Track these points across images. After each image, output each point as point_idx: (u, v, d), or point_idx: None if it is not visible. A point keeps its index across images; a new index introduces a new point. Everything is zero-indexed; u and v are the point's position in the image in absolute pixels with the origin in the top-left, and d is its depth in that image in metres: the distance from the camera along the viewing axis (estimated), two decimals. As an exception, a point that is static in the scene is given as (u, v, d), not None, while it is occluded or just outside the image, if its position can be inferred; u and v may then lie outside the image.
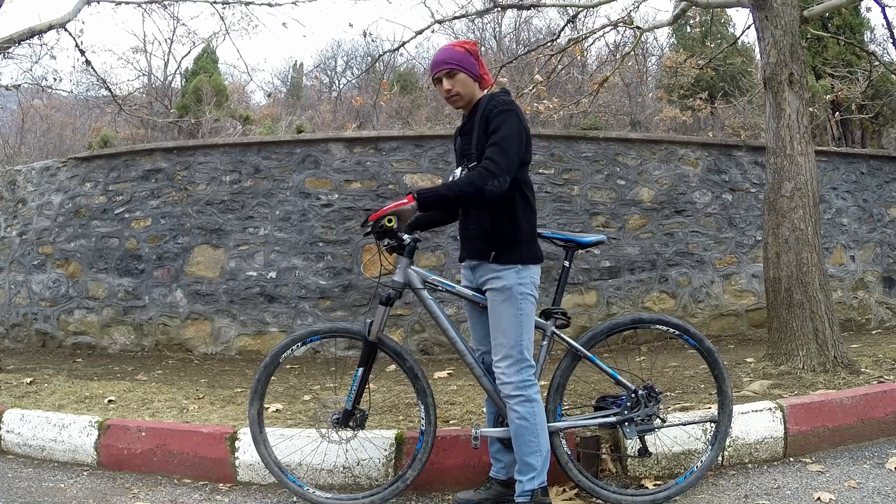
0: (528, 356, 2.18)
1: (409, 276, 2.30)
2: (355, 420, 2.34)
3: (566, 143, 5.71)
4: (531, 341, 2.20)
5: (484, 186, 2.06)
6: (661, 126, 11.32)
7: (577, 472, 2.28)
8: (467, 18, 7.67)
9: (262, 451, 2.39)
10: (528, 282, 2.19)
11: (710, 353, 2.38)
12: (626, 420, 2.30)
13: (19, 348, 6.10)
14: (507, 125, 2.14)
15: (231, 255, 5.59)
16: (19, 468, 2.88)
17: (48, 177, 6.28)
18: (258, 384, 2.38)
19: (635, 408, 2.31)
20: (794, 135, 3.69)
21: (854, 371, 3.42)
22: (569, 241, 2.37)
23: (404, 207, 2.12)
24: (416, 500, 2.44)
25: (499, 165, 2.08)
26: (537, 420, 2.16)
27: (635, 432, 2.30)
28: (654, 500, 2.29)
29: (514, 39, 15.32)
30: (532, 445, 2.15)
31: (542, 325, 2.33)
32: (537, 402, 2.17)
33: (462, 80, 2.24)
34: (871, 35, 10.87)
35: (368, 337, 2.30)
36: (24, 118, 13.62)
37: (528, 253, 2.21)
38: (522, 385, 2.15)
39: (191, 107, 12.83)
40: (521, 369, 2.16)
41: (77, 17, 6.17)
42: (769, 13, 3.78)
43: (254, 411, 2.39)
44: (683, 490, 2.33)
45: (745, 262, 5.84)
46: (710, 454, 2.38)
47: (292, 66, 21.60)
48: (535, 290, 2.21)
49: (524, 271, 2.19)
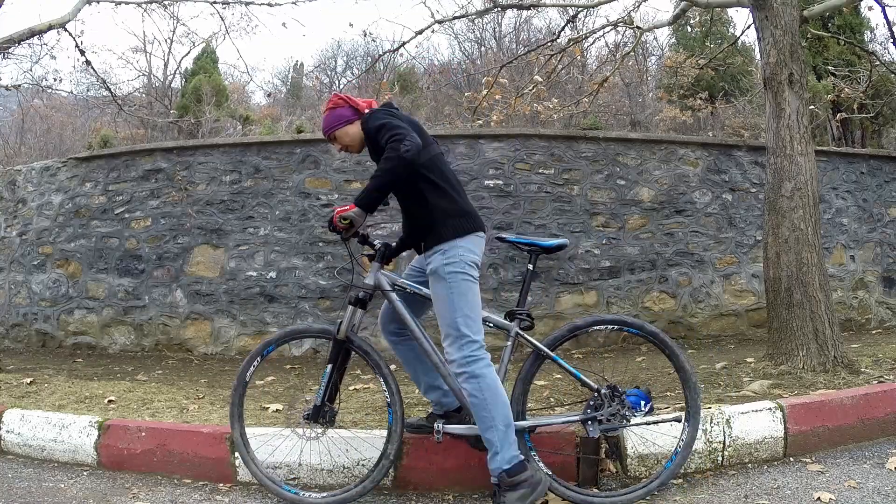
0: (466, 332, 2.21)
1: (378, 279, 2.43)
2: (324, 416, 2.41)
3: (566, 143, 5.71)
4: (472, 317, 2.23)
5: (399, 152, 2.16)
6: (661, 126, 11.32)
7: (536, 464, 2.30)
8: (467, 18, 7.67)
9: (253, 470, 2.46)
10: (456, 259, 2.25)
11: (665, 344, 2.42)
12: (590, 419, 2.34)
13: (19, 348, 6.10)
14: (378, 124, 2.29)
15: (231, 255, 5.59)
16: (19, 468, 2.88)
17: (48, 177, 6.28)
18: (234, 407, 2.49)
19: (599, 407, 2.34)
20: (794, 135, 3.69)
21: (854, 371, 3.42)
22: (531, 245, 2.45)
23: (348, 213, 2.26)
24: (416, 500, 2.44)
25: (396, 134, 2.19)
26: (486, 395, 2.17)
27: (598, 430, 2.34)
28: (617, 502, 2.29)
29: (514, 39, 15.32)
30: (486, 421, 2.17)
31: (507, 326, 2.39)
32: (484, 377, 2.18)
33: (341, 134, 2.44)
34: (871, 35, 10.87)
35: (337, 335, 2.40)
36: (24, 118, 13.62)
37: (448, 230, 2.27)
38: (464, 361, 2.19)
39: (191, 107, 12.83)
40: (461, 346, 2.20)
41: (77, 17, 6.17)
42: (769, 13, 3.78)
43: (237, 434, 2.48)
44: (651, 492, 2.32)
45: (745, 262, 5.84)
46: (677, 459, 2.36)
47: (292, 66, 21.59)
48: (467, 266, 2.26)
49: (451, 250, 2.26)
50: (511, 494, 2.13)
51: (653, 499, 2.32)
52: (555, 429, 2.61)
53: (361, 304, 2.42)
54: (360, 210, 2.25)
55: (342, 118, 2.43)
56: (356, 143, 2.44)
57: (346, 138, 2.44)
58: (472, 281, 2.27)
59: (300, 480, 2.57)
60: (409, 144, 2.17)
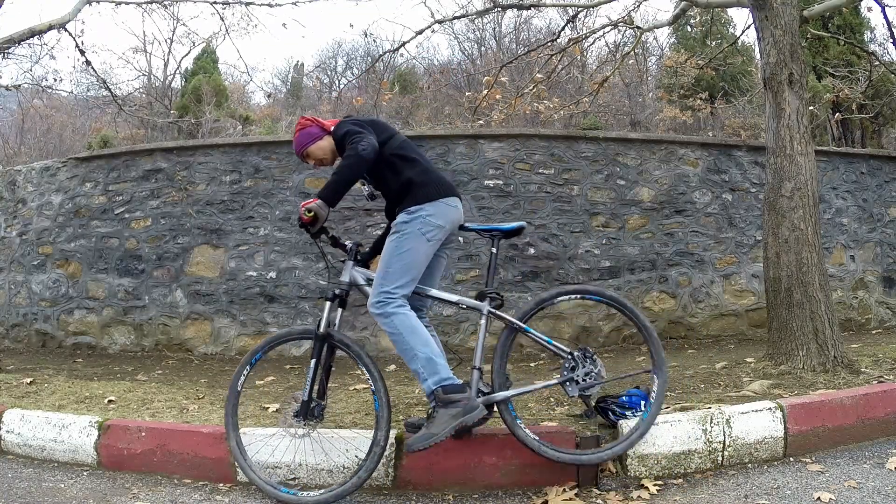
0: (387, 284, 2.38)
1: (353, 275, 2.59)
2: (313, 412, 2.48)
3: (566, 143, 5.71)
4: (403, 272, 2.39)
5: (357, 151, 2.39)
6: (661, 126, 11.33)
7: (524, 433, 2.40)
8: (467, 18, 7.68)
9: (252, 477, 2.48)
10: (416, 218, 2.42)
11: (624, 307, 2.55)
12: (567, 380, 2.47)
13: (19, 348, 6.10)
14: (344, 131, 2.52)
15: (231, 255, 5.59)
16: (19, 468, 2.88)
17: (48, 177, 6.28)
18: (228, 417, 2.56)
19: (574, 369, 2.48)
20: (794, 135, 3.68)
21: (854, 371, 3.41)
22: (492, 230, 2.61)
23: (312, 205, 2.42)
24: (415, 500, 2.44)
25: (356, 136, 2.43)
26: (401, 329, 2.35)
27: (577, 391, 2.46)
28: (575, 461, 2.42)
29: (514, 39, 15.32)
30: (407, 353, 2.35)
31: (478, 306, 2.52)
32: (396, 314, 2.36)
33: (314, 150, 2.64)
34: (871, 35, 10.88)
35: (318, 332, 2.54)
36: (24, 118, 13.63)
37: (418, 196, 2.44)
38: (377, 304, 2.39)
39: (191, 107, 12.84)
40: (379, 293, 2.39)
41: (77, 17, 6.18)
42: (769, 13, 3.77)
43: (233, 443, 2.53)
44: (625, 450, 2.45)
45: (745, 262, 5.84)
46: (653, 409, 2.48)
47: (292, 66, 21.61)
48: (424, 225, 2.41)
49: (416, 213, 2.42)
50: (443, 410, 2.27)
51: (652, 498, 2.32)
52: (554, 429, 2.61)
53: (340, 301, 2.56)
54: (322, 203, 2.42)
55: (312, 136, 2.64)
56: (329, 156, 2.64)
57: (318, 153, 2.64)
58: (425, 240, 2.42)
59: (300, 480, 2.57)
60: (367, 144, 2.40)
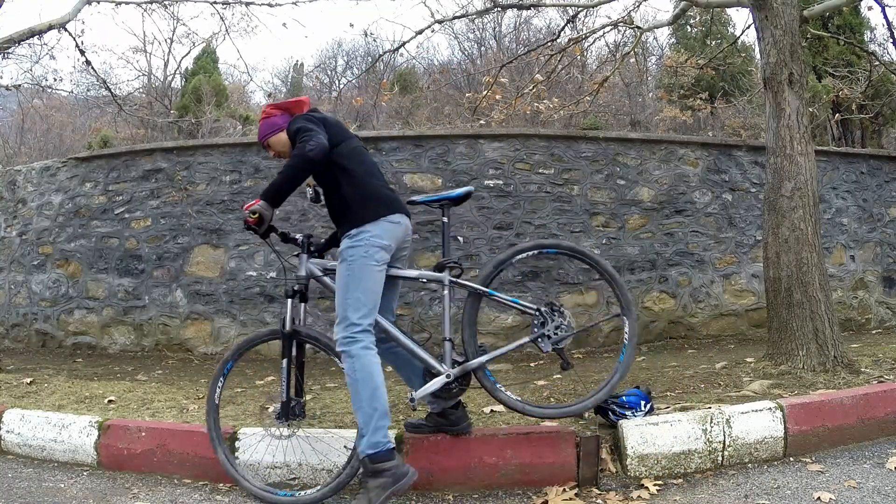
0: (352, 314, 2.29)
1: (309, 268, 2.54)
2: (293, 411, 2.49)
3: (566, 143, 5.71)
4: (362, 300, 2.31)
5: (304, 151, 2.30)
6: (661, 126, 11.33)
7: (506, 396, 2.45)
8: (467, 18, 7.68)
9: (246, 486, 2.48)
10: (361, 242, 2.34)
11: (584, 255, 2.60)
12: (539, 337, 2.48)
13: (19, 348, 6.10)
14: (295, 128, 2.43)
15: (231, 255, 5.59)
16: (19, 468, 2.88)
17: (48, 177, 6.28)
18: (212, 431, 2.55)
19: (544, 325, 2.48)
20: (794, 135, 3.68)
21: (854, 371, 3.41)
22: (441, 199, 2.58)
23: (255, 206, 2.38)
24: (416, 500, 2.44)
25: (304, 135, 2.34)
26: (358, 376, 2.25)
27: (550, 346, 2.46)
28: (559, 414, 2.53)
29: (514, 39, 15.31)
30: (356, 402, 2.27)
31: (439, 277, 2.50)
32: (359, 358, 2.26)
33: (274, 142, 2.58)
34: (871, 35, 10.87)
35: (284, 330, 2.50)
36: (24, 118, 13.63)
37: (358, 216, 2.37)
38: (344, 341, 2.28)
39: (191, 107, 12.83)
40: (344, 327, 2.29)
41: (77, 17, 6.18)
42: (769, 13, 3.77)
43: (221, 456, 2.54)
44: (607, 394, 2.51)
45: (745, 261, 5.84)
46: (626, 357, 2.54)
47: (292, 66, 21.58)
48: (371, 249, 2.34)
49: (358, 235, 2.35)
50: (372, 481, 2.19)
51: (652, 498, 2.32)
52: (554, 429, 2.61)
53: (300, 296, 2.52)
54: (265, 203, 2.37)
55: (274, 126, 2.57)
56: (287, 150, 2.55)
57: (278, 145, 2.58)
58: (373, 264, 2.34)
59: (300, 480, 2.57)
60: (314, 144, 2.30)
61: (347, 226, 2.39)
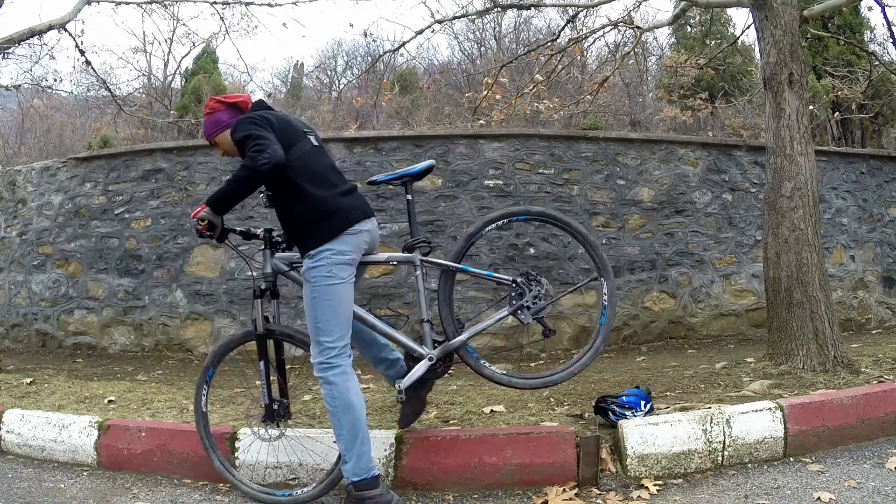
0: (324, 338, 2.22)
1: (275, 264, 2.51)
2: (278, 413, 2.46)
3: (566, 143, 5.71)
4: (333, 322, 2.23)
5: (256, 164, 2.15)
6: (661, 126, 11.32)
7: (490, 371, 2.45)
8: (467, 18, 7.68)
9: (245, 490, 2.48)
10: (323, 263, 2.24)
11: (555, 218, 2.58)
12: (518, 308, 2.42)
13: (19, 348, 6.10)
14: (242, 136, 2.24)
15: (231, 255, 5.59)
16: (19, 468, 2.88)
17: (48, 177, 6.28)
18: (204, 440, 2.55)
19: (522, 295, 2.43)
20: (794, 135, 3.68)
21: (854, 371, 3.41)
22: (402, 176, 2.51)
23: (201, 213, 2.33)
24: (416, 500, 2.44)
25: (256, 145, 2.17)
26: (336, 404, 2.19)
27: (531, 316, 2.42)
28: (546, 383, 2.50)
29: (514, 39, 15.31)
30: (336, 429, 2.21)
31: (410, 258, 2.46)
32: (336, 386, 2.20)
33: (220, 140, 2.44)
34: (871, 35, 10.86)
35: (257, 331, 2.47)
36: (24, 118, 13.63)
37: (314, 238, 2.26)
38: (321, 367, 2.22)
39: (191, 107, 12.82)
40: (320, 351, 2.23)
41: (77, 17, 6.17)
42: (769, 13, 3.77)
43: (216, 463, 2.54)
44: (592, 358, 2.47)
45: (745, 261, 5.84)
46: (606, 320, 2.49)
47: (292, 66, 21.56)
48: (333, 268, 2.24)
49: (319, 254, 2.25)
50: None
51: (652, 498, 2.32)
52: (554, 429, 2.61)
53: (270, 293, 2.49)
54: (210, 210, 2.32)
55: (219, 124, 2.42)
56: (234, 150, 2.38)
57: (225, 144, 2.43)
58: (338, 283, 2.24)
59: (300, 480, 2.57)
60: (268, 158, 2.15)
61: (306, 247, 2.29)
